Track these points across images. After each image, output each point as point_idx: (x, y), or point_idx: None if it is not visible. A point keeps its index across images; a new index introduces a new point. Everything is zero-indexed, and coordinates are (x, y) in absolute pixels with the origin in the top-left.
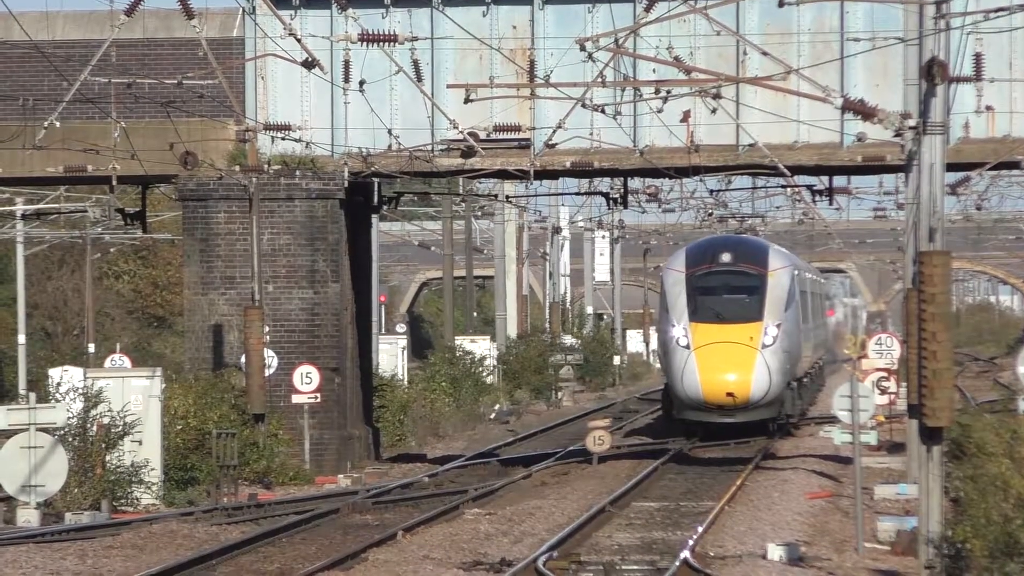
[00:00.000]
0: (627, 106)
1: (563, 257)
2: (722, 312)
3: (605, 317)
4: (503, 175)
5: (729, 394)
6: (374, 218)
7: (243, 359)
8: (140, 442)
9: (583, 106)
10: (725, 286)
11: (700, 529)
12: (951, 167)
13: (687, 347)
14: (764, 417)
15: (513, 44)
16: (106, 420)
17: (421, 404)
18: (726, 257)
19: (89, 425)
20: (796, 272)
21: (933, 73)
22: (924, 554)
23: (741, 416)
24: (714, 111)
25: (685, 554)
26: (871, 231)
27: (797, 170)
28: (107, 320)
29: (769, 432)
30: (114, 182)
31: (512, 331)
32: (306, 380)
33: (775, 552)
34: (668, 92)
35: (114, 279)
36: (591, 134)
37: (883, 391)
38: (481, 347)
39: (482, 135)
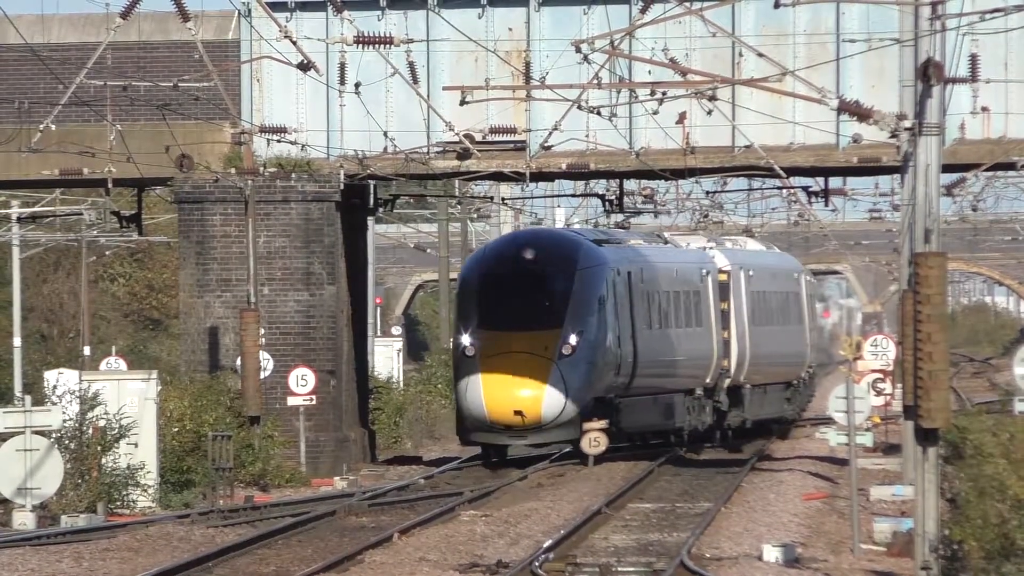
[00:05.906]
0: (623, 108)
1: None
2: (516, 318)
3: None
4: (499, 177)
5: (518, 412)
6: (370, 220)
7: (239, 361)
8: (136, 445)
9: (579, 108)
10: (522, 288)
11: (696, 530)
12: (947, 168)
13: (473, 357)
14: (562, 439)
15: (509, 46)
16: (102, 423)
17: (417, 406)
18: (528, 254)
19: (85, 428)
20: (619, 270)
21: (929, 74)
22: (920, 555)
23: (534, 438)
24: (710, 113)
25: (681, 555)
26: (867, 232)
27: (793, 171)
28: (103, 323)
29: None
30: (110, 185)
31: None
32: (302, 382)
33: (771, 553)
34: (664, 94)
35: (110, 282)
36: (587, 136)
37: (879, 392)
38: None
39: (478, 137)
